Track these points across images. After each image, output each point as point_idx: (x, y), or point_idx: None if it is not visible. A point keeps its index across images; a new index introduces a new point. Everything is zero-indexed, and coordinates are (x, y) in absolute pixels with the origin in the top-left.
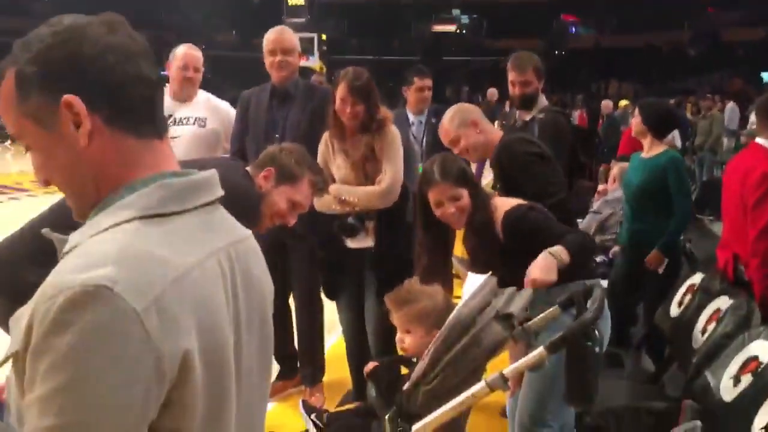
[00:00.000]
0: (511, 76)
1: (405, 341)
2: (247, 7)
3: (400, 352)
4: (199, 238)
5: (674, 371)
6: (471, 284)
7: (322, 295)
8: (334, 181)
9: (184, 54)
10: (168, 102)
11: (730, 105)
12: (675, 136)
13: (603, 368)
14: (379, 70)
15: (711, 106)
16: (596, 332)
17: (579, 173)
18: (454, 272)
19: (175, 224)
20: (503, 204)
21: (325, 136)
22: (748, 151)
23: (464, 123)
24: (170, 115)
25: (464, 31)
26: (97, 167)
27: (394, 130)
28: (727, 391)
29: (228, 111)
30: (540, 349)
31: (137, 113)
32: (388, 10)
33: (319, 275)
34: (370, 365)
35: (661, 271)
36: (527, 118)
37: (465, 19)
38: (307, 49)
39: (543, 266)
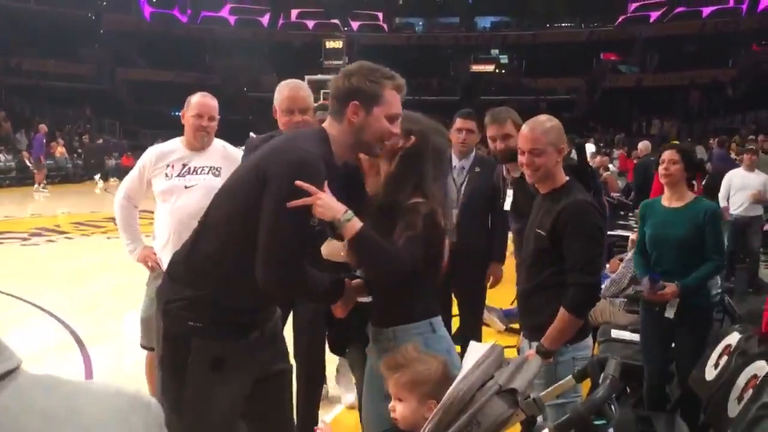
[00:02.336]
0: (491, 131)
1: (396, 409)
2: (287, 50)
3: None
4: None
5: None
6: (472, 355)
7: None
8: None
9: (199, 103)
10: (183, 151)
11: None
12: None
13: None
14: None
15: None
16: (613, 409)
17: None
18: (484, 321)
19: None
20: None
21: None
22: None
23: (557, 142)
24: (185, 165)
25: (503, 71)
26: None
27: None
28: None
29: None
30: (545, 431)
31: None
32: (426, 50)
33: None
34: None
35: (670, 314)
36: (515, 174)
37: (504, 59)
38: None
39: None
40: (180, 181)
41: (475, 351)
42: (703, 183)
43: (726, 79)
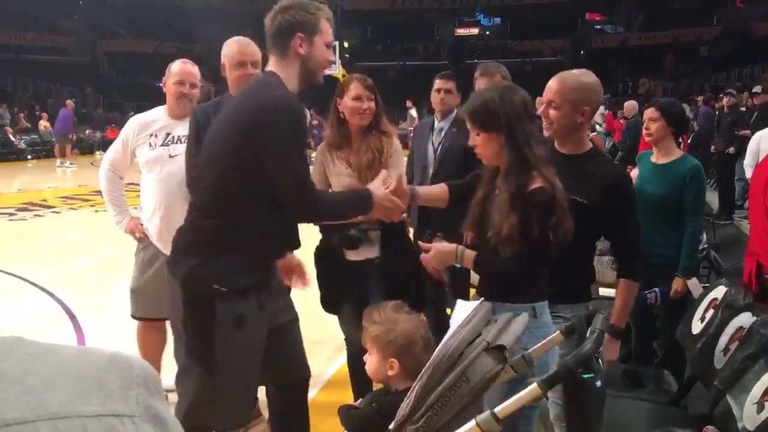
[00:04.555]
0: (480, 83)
1: (367, 361)
2: None
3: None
4: None
5: (699, 388)
6: (460, 312)
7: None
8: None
9: (180, 70)
10: (165, 120)
11: None
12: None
13: (621, 388)
14: (405, 75)
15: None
16: (599, 362)
17: None
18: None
19: None
20: None
21: (322, 146)
22: None
23: (579, 100)
24: (168, 134)
25: (488, 33)
26: None
27: (398, 142)
28: (750, 418)
29: None
30: (533, 386)
31: None
32: (410, 15)
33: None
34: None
35: (695, 293)
36: None
37: (488, 22)
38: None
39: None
40: (164, 151)
41: (463, 309)
42: (689, 141)
43: (710, 36)
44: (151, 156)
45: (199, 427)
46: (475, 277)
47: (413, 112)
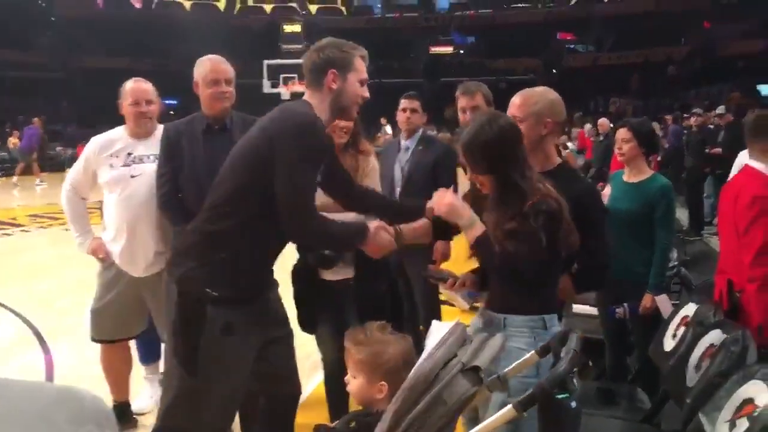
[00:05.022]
0: (461, 102)
1: (350, 384)
2: (245, 35)
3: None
4: None
5: (672, 405)
6: (435, 333)
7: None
8: None
9: (133, 89)
10: (127, 139)
11: None
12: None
13: (595, 406)
14: (380, 93)
15: (705, 121)
16: (574, 382)
17: None
18: (443, 298)
19: None
20: None
21: None
22: (741, 172)
23: (542, 113)
24: (129, 153)
25: (462, 52)
26: None
27: (375, 161)
28: None
29: None
30: (509, 407)
31: None
32: (385, 33)
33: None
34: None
35: (665, 312)
36: None
37: (462, 41)
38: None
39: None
40: (126, 171)
41: (438, 330)
42: (659, 158)
43: (679, 56)
44: (113, 176)
45: (174, 429)
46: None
47: (388, 128)
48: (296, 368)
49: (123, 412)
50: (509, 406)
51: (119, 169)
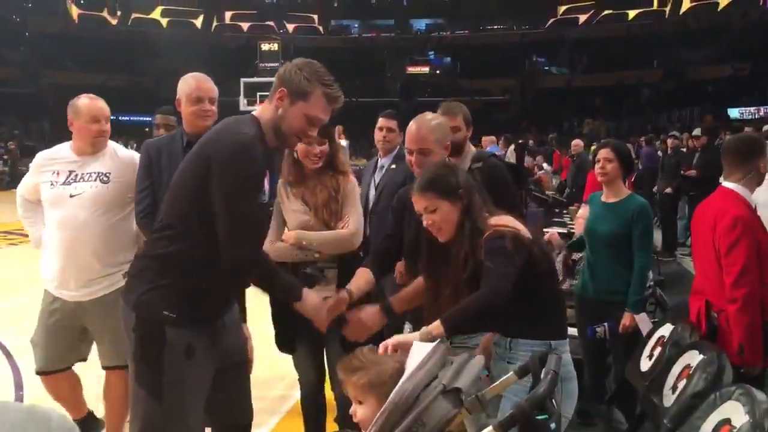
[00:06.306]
0: None
1: (358, 413)
2: (222, 53)
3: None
4: None
5: (649, 427)
6: (417, 354)
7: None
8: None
9: (89, 107)
10: (71, 156)
11: None
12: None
13: (573, 426)
14: (356, 112)
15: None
16: (553, 403)
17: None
18: None
19: None
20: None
21: (280, 180)
22: (716, 195)
23: (443, 140)
24: (71, 171)
25: (438, 72)
26: None
27: (354, 180)
28: None
29: (136, 161)
30: (489, 428)
31: None
32: (362, 52)
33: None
34: None
35: (644, 330)
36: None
37: (438, 61)
38: None
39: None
40: (65, 190)
41: (419, 350)
42: (633, 180)
43: (651, 79)
44: (51, 195)
45: None
46: None
47: (343, 142)
48: (250, 396)
49: (88, 424)
50: (489, 427)
51: (58, 187)
